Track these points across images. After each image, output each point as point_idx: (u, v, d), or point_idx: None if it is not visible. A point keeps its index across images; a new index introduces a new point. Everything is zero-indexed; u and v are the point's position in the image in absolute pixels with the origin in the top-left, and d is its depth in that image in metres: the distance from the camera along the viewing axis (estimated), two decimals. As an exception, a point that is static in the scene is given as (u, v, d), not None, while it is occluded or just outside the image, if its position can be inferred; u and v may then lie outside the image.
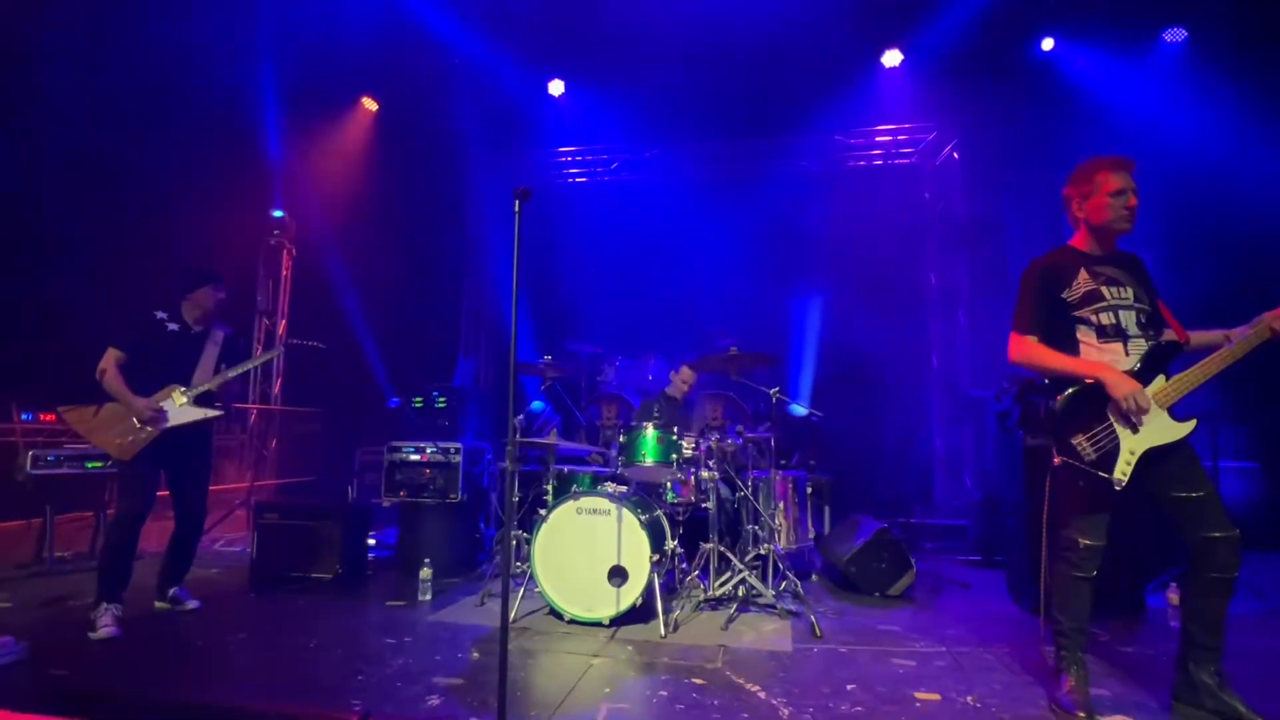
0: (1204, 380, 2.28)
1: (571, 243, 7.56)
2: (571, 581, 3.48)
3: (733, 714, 2.41)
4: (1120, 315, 2.38)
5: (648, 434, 3.83)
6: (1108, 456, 2.29)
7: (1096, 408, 2.33)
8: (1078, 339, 2.43)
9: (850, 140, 7.35)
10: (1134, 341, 2.36)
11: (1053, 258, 2.54)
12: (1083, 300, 2.41)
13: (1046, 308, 2.46)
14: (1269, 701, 2.35)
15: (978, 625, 3.53)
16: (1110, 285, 2.42)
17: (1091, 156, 2.53)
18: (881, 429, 6.87)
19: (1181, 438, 2.28)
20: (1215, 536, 2.25)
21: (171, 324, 3.64)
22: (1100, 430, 2.32)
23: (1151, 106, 6.28)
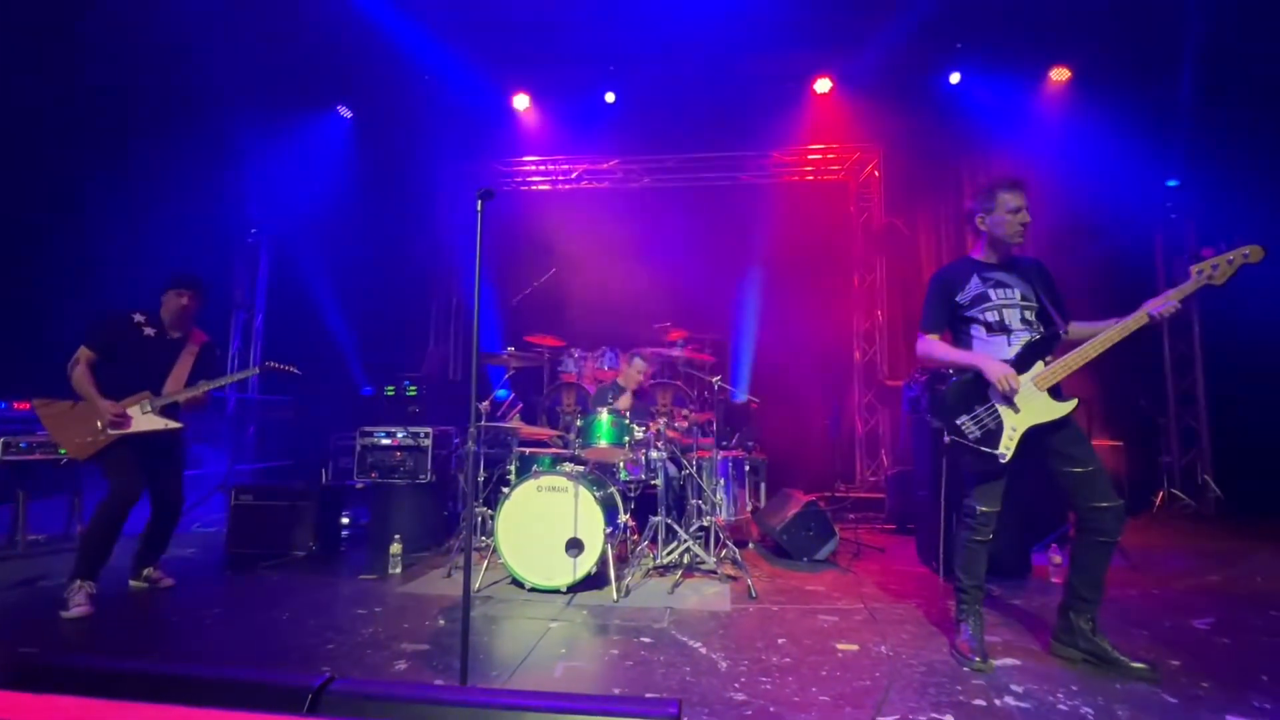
0: (1080, 364, 2.38)
1: (535, 244, 7.44)
2: (532, 553, 3.43)
3: (677, 668, 2.41)
4: (1004, 313, 2.49)
5: (602, 419, 3.81)
6: (991, 434, 2.40)
7: (980, 392, 2.44)
8: (970, 335, 2.54)
9: (785, 158, 7.44)
10: (1017, 335, 2.47)
11: (951, 268, 2.66)
12: (972, 303, 2.53)
13: (945, 311, 2.58)
14: (1126, 640, 2.50)
15: (892, 584, 3.63)
16: (997, 288, 2.53)
17: (994, 177, 2.61)
18: (810, 413, 7.00)
19: (1063, 416, 2.37)
20: (1102, 506, 2.35)
21: (148, 328, 3.34)
22: (983, 411, 2.43)
23: (1041, 135, 6.56)
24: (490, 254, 7.27)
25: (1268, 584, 3.57)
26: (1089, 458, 2.39)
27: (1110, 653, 2.36)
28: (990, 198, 2.54)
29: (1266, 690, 2.20)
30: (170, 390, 3.30)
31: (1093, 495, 2.36)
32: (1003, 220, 2.52)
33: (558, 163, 7.78)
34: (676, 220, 7.28)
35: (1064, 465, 2.40)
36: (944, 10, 5.92)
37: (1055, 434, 2.39)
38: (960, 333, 2.57)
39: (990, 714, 2.05)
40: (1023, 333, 2.47)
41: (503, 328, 7.35)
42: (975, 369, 2.43)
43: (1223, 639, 2.72)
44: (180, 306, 3.38)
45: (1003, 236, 2.54)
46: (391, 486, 4.42)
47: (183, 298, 3.38)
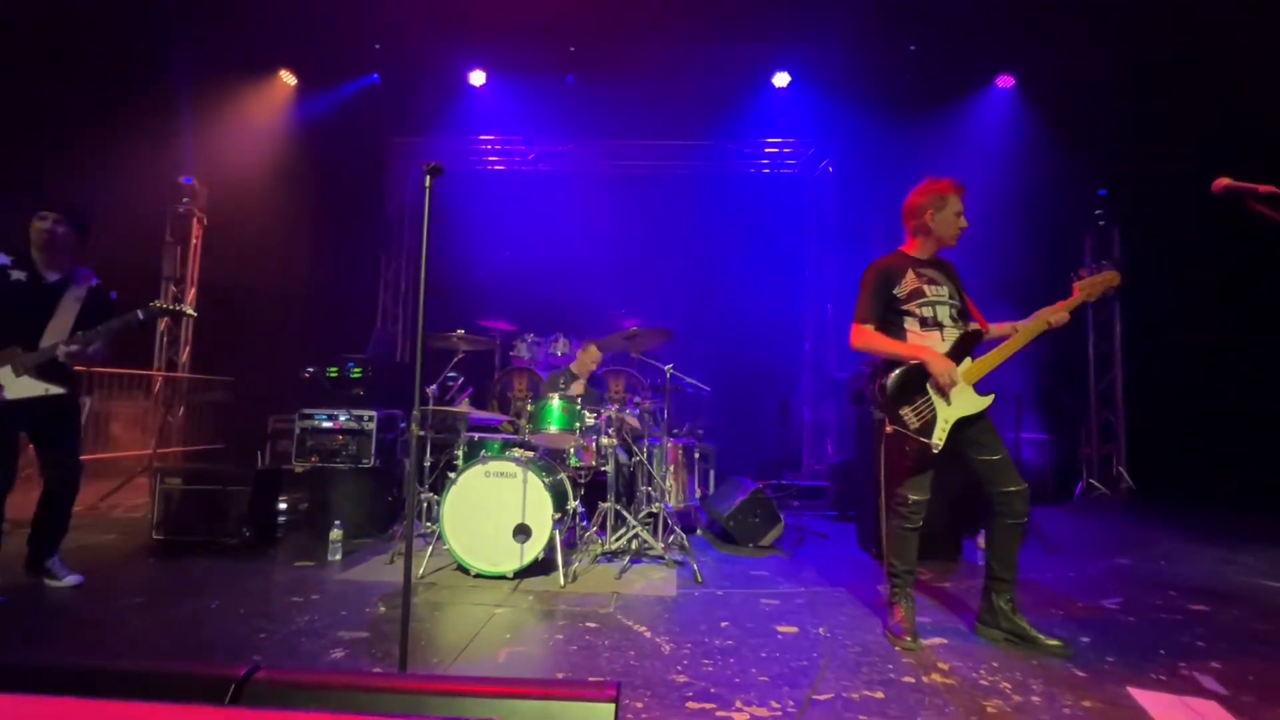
0: (1000, 362, 2.54)
1: (491, 226, 7.28)
2: (478, 539, 3.38)
3: (621, 652, 2.43)
4: (937, 309, 2.58)
5: (553, 404, 3.77)
6: (928, 425, 2.49)
7: (919, 384, 2.52)
8: (905, 328, 2.61)
9: (744, 149, 7.49)
10: (947, 330, 2.57)
11: (887, 261, 2.71)
12: (909, 296, 2.60)
13: (881, 302, 2.63)
14: (1043, 619, 2.66)
15: (832, 569, 3.75)
16: (931, 284, 2.62)
17: (946, 177, 2.68)
18: (760, 403, 7.14)
19: (984, 409, 2.53)
20: (1010, 490, 2.50)
21: (17, 271, 2.78)
22: (921, 402, 2.51)
23: (985, 139, 6.83)
24: (443, 234, 7.08)
25: (1169, 566, 3.86)
26: (999, 447, 2.54)
27: (1029, 631, 2.51)
28: (942, 198, 2.63)
29: (1162, 663, 2.38)
30: (50, 342, 2.77)
31: (1004, 481, 2.51)
32: (950, 220, 2.62)
33: (514, 143, 7.61)
34: (633, 206, 7.26)
35: (979, 454, 2.54)
36: (896, 11, 6.07)
37: (972, 425, 2.53)
38: (893, 325, 2.62)
39: (918, 690, 2.15)
40: (950, 329, 2.57)
41: (454, 310, 7.17)
42: (919, 361, 2.51)
43: (1128, 617, 2.93)
44: (44, 234, 2.83)
45: (946, 236, 2.64)
46: (333, 471, 4.28)
47: (44, 221, 2.83)
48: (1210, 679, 2.25)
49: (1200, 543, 4.50)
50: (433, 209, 2.12)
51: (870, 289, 2.64)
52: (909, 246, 2.73)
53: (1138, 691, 2.13)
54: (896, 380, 2.53)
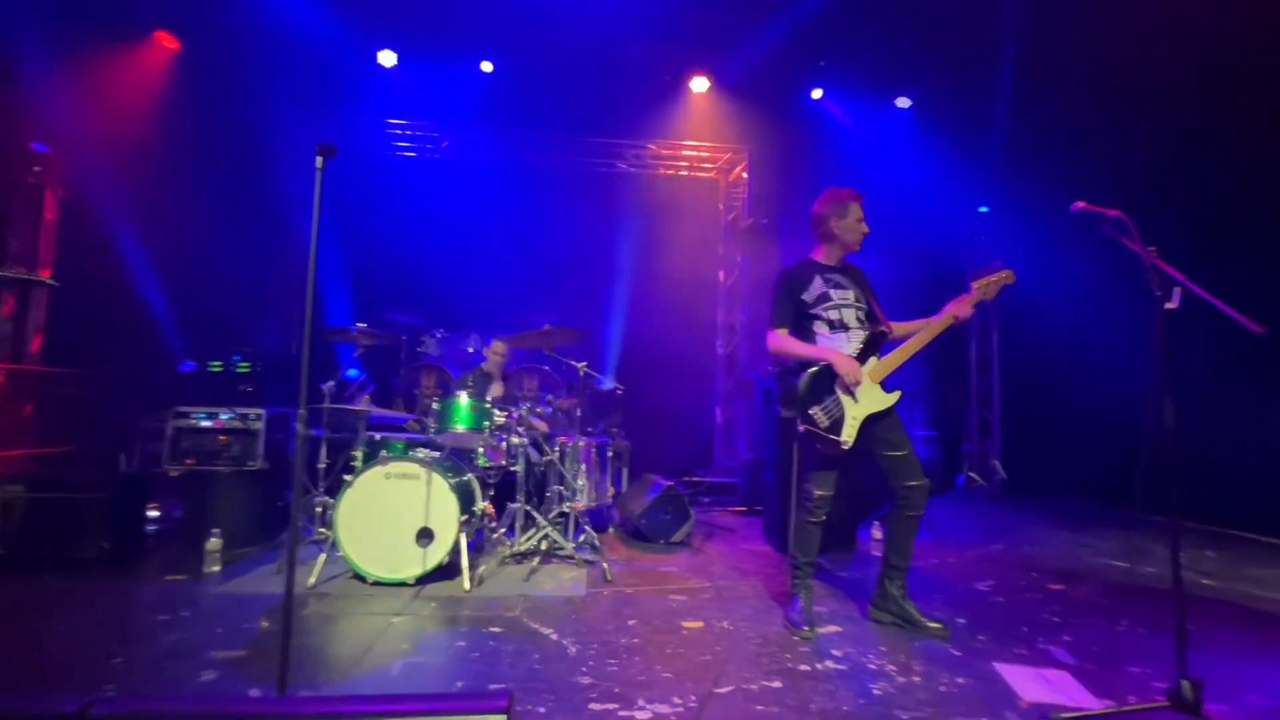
0: (904, 360, 2.70)
1: (398, 214, 6.92)
2: (377, 544, 3.20)
3: (525, 656, 2.38)
4: (844, 312, 2.72)
5: (461, 402, 3.64)
6: (837, 423, 2.61)
7: (828, 385, 2.64)
8: (814, 331, 2.73)
9: (661, 151, 7.56)
10: (854, 332, 2.71)
11: (795, 268, 2.83)
12: (816, 301, 2.72)
13: (792, 307, 2.74)
14: (926, 603, 2.86)
15: (739, 563, 3.86)
16: (837, 289, 2.75)
17: (845, 187, 2.84)
18: (674, 402, 7.25)
19: (890, 406, 2.67)
20: (913, 485, 2.66)
21: None
22: (830, 402, 2.63)
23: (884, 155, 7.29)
24: (347, 221, 6.66)
25: (1034, 551, 4.28)
26: (905, 443, 2.70)
27: (914, 615, 2.69)
28: (843, 205, 2.78)
29: (1024, 639, 2.63)
30: None
31: (907, 476, 2.67)
32: (852, 227, 2.77)
33: (427, 130, 7.28)
34: (551, 201, 7.14)
35: (885, 450, 2.68)
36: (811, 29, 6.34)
37: (879, 423, 2.66)
38: (804, 329, 2.74)
39: (813, 678, 2.25)
40: (857, 330, 2.71)
41: (357, 302, 6.77)
42: (827, 363, 2.62)
43: (998, 598, 3.22)
44: None
45: (849, 242, 2.79)
46: (213, 475, 3.92)
47: None
48: (1062, 651, 2.50)
49: (1060, 528, 5.02)
50: (336, 195, 1.97)
51: (781, 295, 2.75)
52: (816, 253, 2.86)
53: (1003, 666, 2.34)
54: (806, 382, 2.64)
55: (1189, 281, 1.96)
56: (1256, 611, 3.03)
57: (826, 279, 2.75)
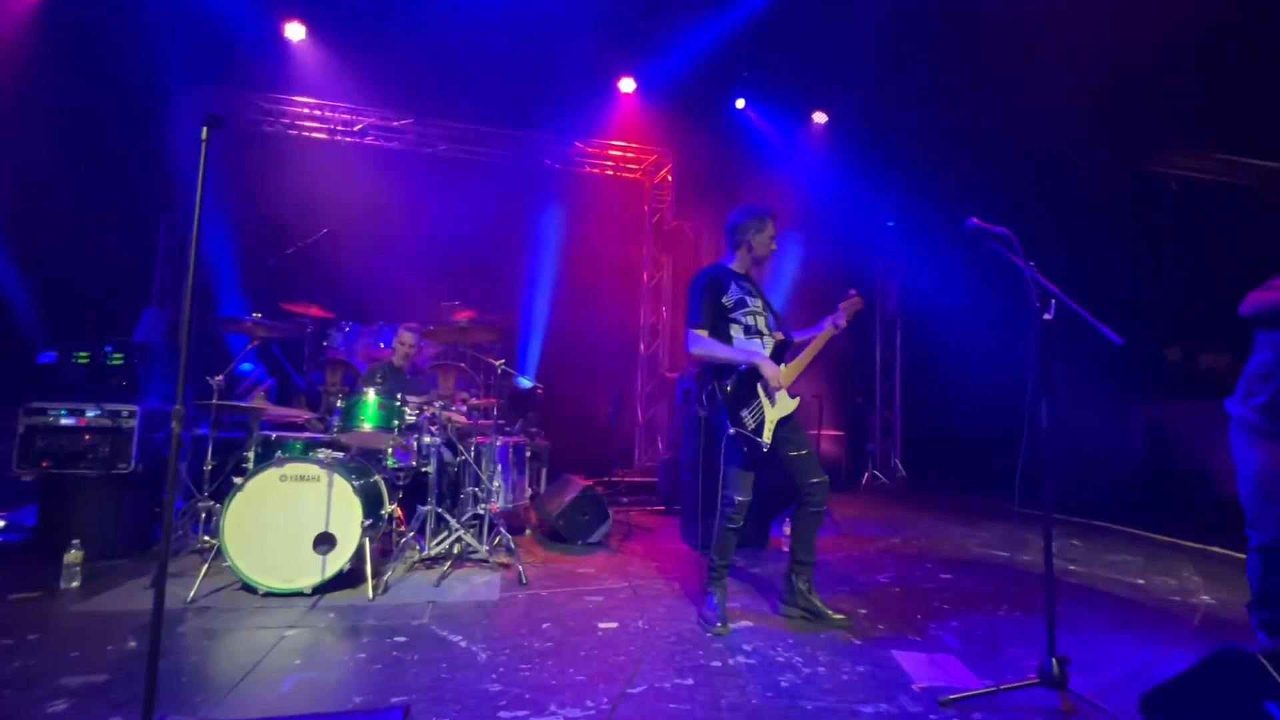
0: (804, 366, 2.86)
1: (306, 199, 6.47)
2: (269, 553, 2.96)
3: (432, 665, 2.27)
4: (757, 318, 2.82)
5: (369, 399, 3.44)
6: (760, 426, 2.68)
7: (752, 387, 2.71)
8: (731, 335, 2.79)
9: (587, 149, 7.52)
10: (766, 338, 2.81)
11: (713, 273, 2.88)
12: (735, 306, 2.80)
13: (713, 310, 2.78)
14: (831, 596, 2.99)
15: (656, 562, 3.88)
16: (750, 296, 2.85)
17: (763, 203, 2.93)
18: (596, 401, 7.22)
19: (794, 409, 2.79)
20: (815, 482, 2.76)
21: None
22: (754, 405, 2.69)
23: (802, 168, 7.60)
24: (247, 204, 6.15)
25: (928, 543, 4.58)
26: (806, 443, 2.82)
27: (820, 608, 2.79)
28: (762, 220, 2.87)
29: (918, 626, 2.80)
30: None
31: (809, 474, 2.77)
32: (765, 243, 2.87)
33: (339, 111, 6.86)
34: (474, 194, 6.91)
35: (790, 450, 2.76)
36: (735, 41, 6.51)
37: (785, 425, 2.76)
38: (721, 332, 2.78)
39: (725, 673, 2.28)
40: (768, 337, 2.81)
41: (255, 291, 6.25)
42: (752, 366, 2.68)
43: (896, 589, 3.41)
44: None
45: (760, 256, 2.90)
46: (76, 479, 3.50)
47: None
48: (951, 636, 2.68)
49: (951, 522, 5.40)
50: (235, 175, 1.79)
51: (702, 297, 2.78)
52: (729, 260, 2.93)
53: (899, 653, 2.47)
54: (735, 384, 2.69)
55: (1062, 294, 2.15)
56: (1112, 595, 3.39)
57: (740, 285, 2.84)
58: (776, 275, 7.56)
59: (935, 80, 6.30)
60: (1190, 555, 4.25)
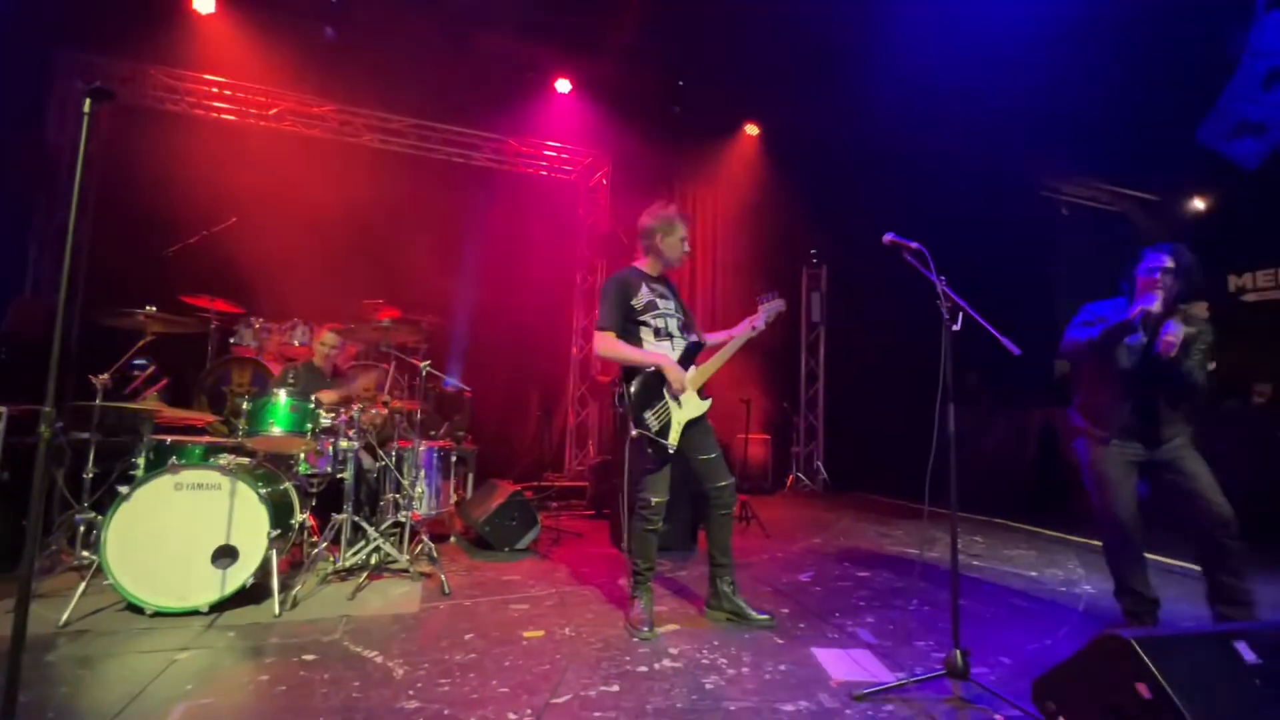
0: (717, 368, 2.89)
1: (212, 184, 6.00)
2: (160, 568, 2.71)
3: (343, 685, 2.14)
4: (668, 321, 2.83)
5: (279, 401, 3.21)
6: (666, 427, 2.70)
7: (658, 389, 2.73)
8: (640, 337, 2.81)
9: (521, 148, 7.39)
10: (676, 340, 2.83)
11: (624, 275, 2.88)
12: (645, 308, 2.80)
13: (621, 312, 2.78)
14: (755, 596, 3.05)
15: (584, 568, 3.84)
16: (661, 299, 2.86)
17: (671, 205, 2.94)
18: (527, 404, 7.09)
19: (704, 412, 2.80)
20: (722, 485, 2.82)
21: None
22: (660, 406, 2.72)
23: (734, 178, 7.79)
24: (142, 186, 5.63)
25: (847, 543, 4.78)
26: (714, 447, 2.84)
27: (744, 609, 2.85)
28: (671, 224, 2.88)
29: (837, 623, 2.90)
30: None
31: (717, 477, 2.81)
32: (675, 246, 2.89)
33: (252, 92, 6.41)
34: (400, 188, 6.63)
35: (698, 454, 2.80)
36: (669, 46, 6.59)
37: (694, 428, 2.77)
38: (631, 334, 2.79)
39: (650, 678, 2.28)
40: (679, 339, 2.83)
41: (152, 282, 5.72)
42: (658, 367, 2.70)
43: (816, 587, 3.52)
44: None
45: (671, 259, 2.91)
46: (-78, 489, 3.07)
47: None
48: (867, 632, 2.80)
49: (868, 521, 5.66)
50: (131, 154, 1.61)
51: (611, 299, 2.78)
52: (640, 263, 2.94)
53: (818, 650, 2.55)
54: (639, 385, 2.71)
55: (969, 307, 2.29)
56: (1010, 587, 3.64)
57: (651, 288, 2.85)
58: (704, 281, 7.72)
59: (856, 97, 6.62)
60: (1074, 548, 4.64)
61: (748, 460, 7.28)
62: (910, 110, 6.52)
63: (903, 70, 6.00)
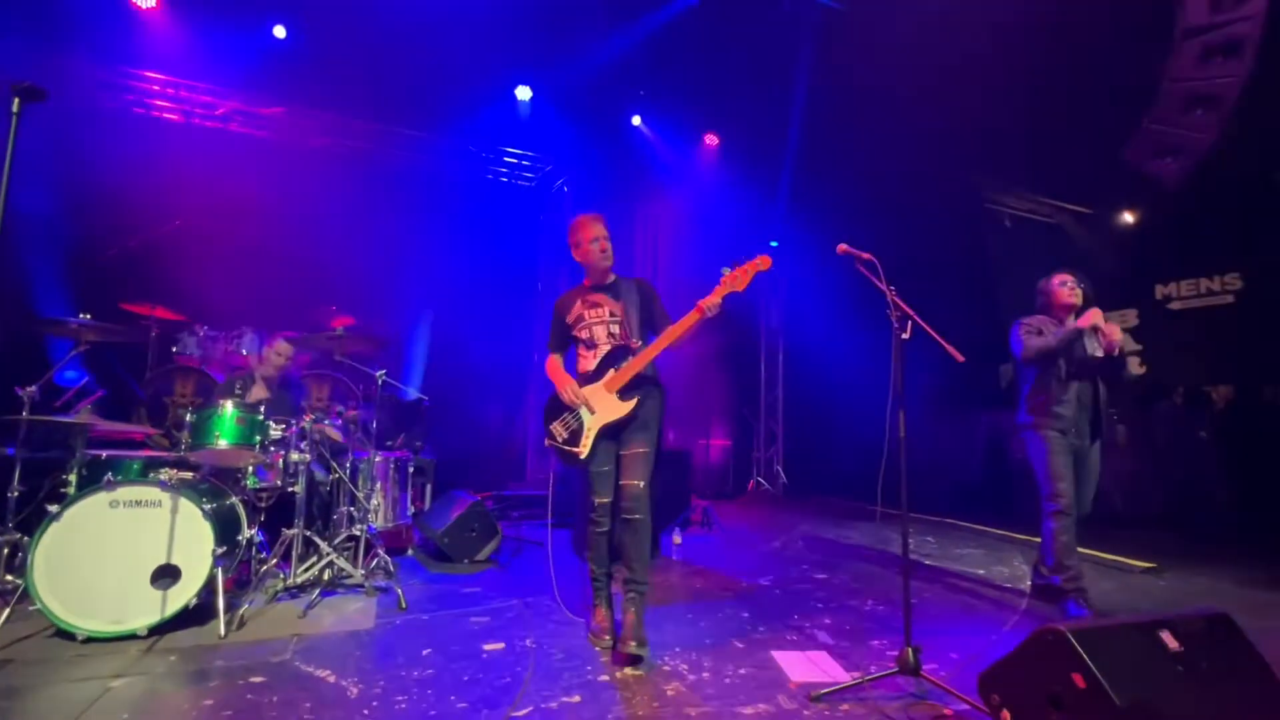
0: (641, 365, 2.64)
1: (154, 186, 5.75)
2: (94, 591, 2.57)
3: (292, 707, 2.06)
4: (594, 330, 2.77)
5: (225, 413, 3.09)
6: (575, 434, 2.67)
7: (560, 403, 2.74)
8: (576, 351, 2.85)
9: (482, 154, 7.33)
10: (600, 348, 2.75)
11: (564, 295, 2.92)
12: (574, 323, 2.81)
13: (559, 332, 2.88)
14: (719, 601, 3.06)
15: (545, 577, 3.78)
16: (593, 308, 2.79)
17: (582, 214, 2.87)
18: (488, 413, 7.00)
19: (629, 412, 2.64)
20: (621, 484, 2.64)
21: None
22: (569, 416, 2.70)
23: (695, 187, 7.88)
24: (78, 187, 5.35)
25: (806, 545, 4.87)
26: (641, 444, 2.65)
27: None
28: (577, 229, 2.83)
29: (795, 626, 2.96)
30: None
31: (623, 475, 2.65)
32: (586, 249, 2.78)
33: (198, 91, 6.19)
34: (354, 193, 6.48)
35: (621, 450, 2.69)
36: (632, 57, 6.64)
37: (626, 427, 2.67)
38: (571, 350, 2.89)
39: (613, 687, 2.27)
40: (604, 346, 2.74)
41: (88, 288, 5.44)
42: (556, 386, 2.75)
43: (776, 591, 3.58)
44: None
45: (590, 262, 2.81)
46: None
47: None
48: (823, 633, 2.86)
49: (826, 524, 5.78)
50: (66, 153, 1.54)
51: (552, 322, 2.92)
52: (586, 279, 2.90)
53: (778, 653, 2.59)
54: (549, 402, 2.78)
55: (916, 316, 2.38)
56: (959, 585, 3.78)
57: (585, 300, 2.82)
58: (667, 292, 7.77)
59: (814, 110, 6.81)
60: (1018, 545, 4.85)
61: (709, 465, 7.35)
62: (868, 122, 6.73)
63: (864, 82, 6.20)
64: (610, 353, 2.72)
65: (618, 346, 2.73)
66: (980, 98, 6.13)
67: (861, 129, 6.78)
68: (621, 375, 2.65)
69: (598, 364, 2.72)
